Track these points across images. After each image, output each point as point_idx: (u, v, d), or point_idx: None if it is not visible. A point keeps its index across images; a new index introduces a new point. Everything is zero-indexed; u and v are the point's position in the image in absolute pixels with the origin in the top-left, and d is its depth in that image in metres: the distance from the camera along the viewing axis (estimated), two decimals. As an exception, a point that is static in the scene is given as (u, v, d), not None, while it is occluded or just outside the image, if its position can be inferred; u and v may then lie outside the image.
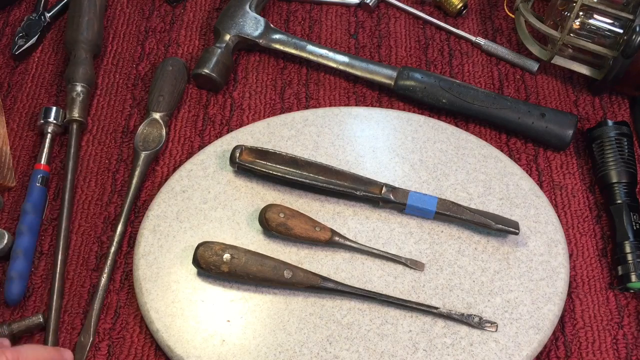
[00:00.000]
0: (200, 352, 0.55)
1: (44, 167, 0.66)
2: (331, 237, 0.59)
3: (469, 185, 0.64)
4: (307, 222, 0.60)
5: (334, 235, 0.60)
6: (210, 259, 0.57)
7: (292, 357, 0.55)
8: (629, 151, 0.66)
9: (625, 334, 0.59)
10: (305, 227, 0.59)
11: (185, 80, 0.71)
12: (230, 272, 0.57)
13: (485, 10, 0.79)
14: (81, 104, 0.69)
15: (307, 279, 0.57)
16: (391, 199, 0.61)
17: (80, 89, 0.69)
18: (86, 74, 0.70)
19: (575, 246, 0.64)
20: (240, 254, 0.57)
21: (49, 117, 0.68)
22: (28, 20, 0.76)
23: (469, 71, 0.74)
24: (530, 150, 0.69)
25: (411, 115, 0.69)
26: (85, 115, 0.69)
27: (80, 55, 0.71)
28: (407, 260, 0.59)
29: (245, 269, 0.56)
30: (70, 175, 0.66)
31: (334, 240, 0.59)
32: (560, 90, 0.73)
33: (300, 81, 0.74)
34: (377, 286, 0.59)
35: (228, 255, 0.57)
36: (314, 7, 0.79)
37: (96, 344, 0.58)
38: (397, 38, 0.77)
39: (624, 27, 0.67)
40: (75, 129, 0.68)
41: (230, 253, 0.57)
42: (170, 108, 0.69)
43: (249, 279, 0.57)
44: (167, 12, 0.79)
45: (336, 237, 0.60)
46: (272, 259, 0.57)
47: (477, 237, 0.61)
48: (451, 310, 0.56)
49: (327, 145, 0.66)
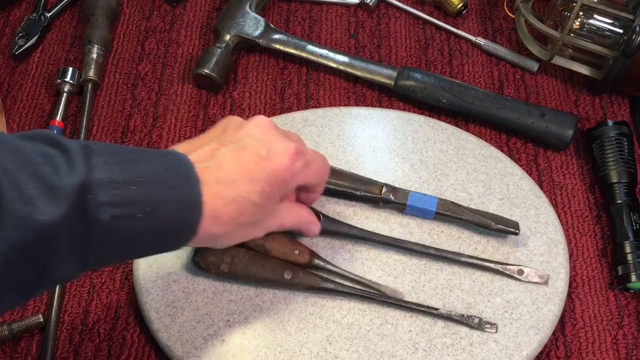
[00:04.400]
0: (200, 352, 0.55)
1: (59, 124, 0.70)
2: (310, 261, 0.58)
3: (469, 186, 0.64)
4: (286, 246, 0.58)
5: (313, 259, 0.58)
6: (210, 259, 0.56)
7: (292, 357, 0.55)
8: (629, 151, 0.66)
9: (625, 334, 0.59)
10: (283, 250, 0.57)
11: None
12: (230, 272, 0.56)
13: (485, 10, 0.79)
14: (96, 65, 0.72)
15: (307, 279, 0.57)
16: (391, 199, 0.61)
17: (97, 51, 0.72)
18: (103, 37, 0.74)
19: (575, 246, 0.64)
20: (240, 254, 0.57)
21: (65, 77, 0.71)
22: (28, 20, 0.76)
23: (469, 71, 0.74)
24: (530, 150, 0.69)
25: (411, 115, 0.69)
26: (99, 75, 0.72)
27: (98, 19, 0.74)
28: (386, 289, 0.58)
29: (245, 269, 0.56)
30: (84, 132, 0.69)
31: (313, 264, 0.58)
32: (560, 90, 0.73)
33: (300, 81, 0.74)
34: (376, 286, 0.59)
35: (228, 256, 0.56)
36: (314, 7, 0.79)
37: (96, 344, 0.58)
38: (397, 38, 0.77)
39: (624, 27, 0.67)
40: (90, 88, 0.71)
41: (230, 253, 0.57)
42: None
43: (248, 280, 0.57)
44: (167, 12, 0.79)
45: (316, 260, 0.58)
46: (272, 259, 0.57)
47: (477, 237, 0.61)
48: (451, 311, 0.56)
49: (327, 145, 0.66)
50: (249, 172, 0.46)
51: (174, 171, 0.44)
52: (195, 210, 0.44)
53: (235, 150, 0.47)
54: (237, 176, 0.46)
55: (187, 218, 0.44)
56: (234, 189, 0.46)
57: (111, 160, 0.41)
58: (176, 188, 0.43)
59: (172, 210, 0.43)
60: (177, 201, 0.43)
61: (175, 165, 0.45)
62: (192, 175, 0.44)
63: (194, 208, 0.44)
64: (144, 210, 0.41)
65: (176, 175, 0.44)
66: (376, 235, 0.60)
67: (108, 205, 0.39)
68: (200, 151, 0.47)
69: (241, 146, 0.47)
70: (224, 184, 0.45)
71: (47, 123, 0.70)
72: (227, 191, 0.45)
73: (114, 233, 0.40)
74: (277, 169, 0.47)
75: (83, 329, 0.59)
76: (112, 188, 0.40)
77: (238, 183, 0.46)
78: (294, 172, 0.48)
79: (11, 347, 0.58)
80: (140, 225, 0.41)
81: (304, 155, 0.49)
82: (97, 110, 0.72)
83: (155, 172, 0.43)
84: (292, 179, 0.49)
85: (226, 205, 0.45)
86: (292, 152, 0.48)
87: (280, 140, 0.48)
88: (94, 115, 0.71)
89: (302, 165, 0.49)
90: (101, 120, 0.71)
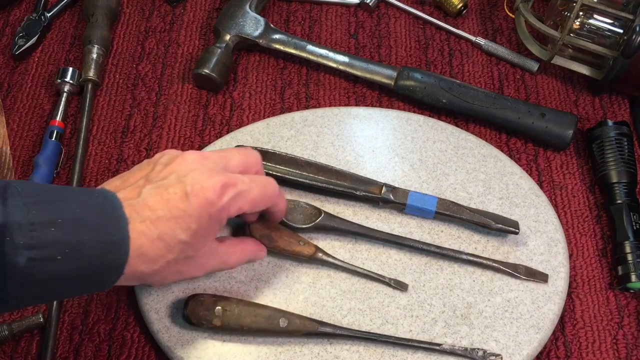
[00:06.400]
0: (200, 352, 0.55)
1: (59, 124, 0.69)
2: (314, 253, 0.58)
3: (469, 185, 0.64)
4: (291, 236, 0.58)
5: (317, 252, 0.58)
6: (201, 314, 0.54)
7: (293, 357, 0.55)
8: (629, 151, 0.66)
9: (625, 334, 0.59)
10: (289, 240, 0.58)
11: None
12: (223, 325, 0.54)
13: (485, 10, 0.79)
14: (96, 65, 0.72)
15: (304, 325, 0.55)
16: (391, 198, 0.61)
17: (97, 51, 0.72)
18: (103, 37, 0.74)
19: (575, 246, 0.64)
20: (232, 306, 0.55)
21: (65, 77, 0.71)
22: (28, 20, 0.76)
23: (469, 71, 0.74)
24: (530, 150, 0.69)
25: (411, 115, 0.69)
26: (99, 75, 0.72)
27: (98, 19, 0.74)
28: (390, 281, 0.58)
29: (238, 321, 0.54)
30: (84, 132, 0.69)
31: (317, 257, 0.58)
32: (560, 90, 0.73)
33: (300, 81, 0.74)
34: (376, 287, 0.59)
35: (219, 308, 0.54)
36: (314, 7, 0.79)
37: (96, 344, 0.58)
38: (397, 38, 0.77)
39: (624, 27, 0.67)
40: (90, 88, 0.71)
41: (222, 305, 0.54)
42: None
43: (243, 332, 0.55)
44: (167, 12, 0.79)
45: (319, 254, 0.58)
46: (266, 307, 0.56)
47: (477, 237, 0.61)
48: (454, 345, 0.55)
49: (326, 146, 0.66)
50: (173, 209, 0.46)
51: (98, 211, 0.44)
52: (121, 249, 0.44)
53: (160, 187, 0.46)
54: (161, 213, 0.45)
55: (112, 258, 0.44)
56: (159, 226, 0.45)
57: (31, 200, 0.41)
58: (100, 228, 0.43)
59: (95, 251, 0.42)
60: (100, 242, 0.43)
61: (101, 205, 0.44)
62: (119, 214, 0.44)
63: (120, 247, 0.44)
64: (64, 252, 0.41)
65: (102, 215, 0.43)
66: (376, 232, 0.60)
67: (25, 248, 0.39)
68: (129, 189, 0.47)
69: (166, 183, 0.47)
70: (149, 221, 0.45)
71: (47, 123, 0.70)
72: (152, 229, 0.45)
73: (31, 276, 0.40)
74: (202, 204, 0.46)
75: (83, 329, 0.59)
76: (29, 230, 0.39)
77: (162, 220, 0.45)
78: (221, 206, 0.47)
79: (11, 347, 0.58)
80: (60, 268, 0.41)
81: (235, 187, 0.48)
82: (97, 110, 0.72)
83: (78, 213, 0.42)
84: (221, 213, 0.48)
85: (152, 242, 0.45)
86: (218, 187, 0.47)
87: (206, 175, 0.47)
88: (94, 115, 0.71)
89: (231, 198, 0.48)
90: (101, 120, 0.71)
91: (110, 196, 0.46)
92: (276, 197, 0.53)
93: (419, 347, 0.55)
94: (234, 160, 0.52)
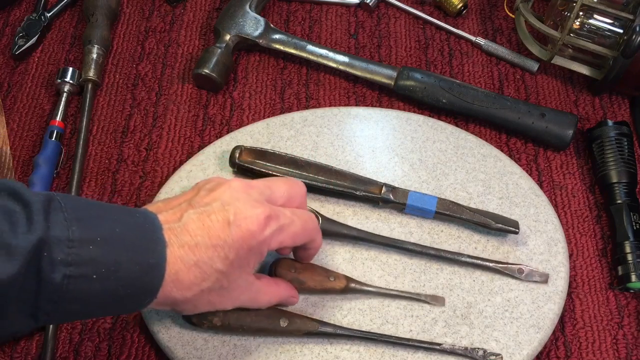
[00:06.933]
0: (200, 352, 0.55)
1: (59, 124, 0.69)
2: (347, 285, 0.57)
3: (469, 185, 0.64)
4: (320, 274, 0.57)
5: (349, 283, 0.57)
6: (201, 314, 0.53)
7: (293, 357, 0.55)
8: (629, 151, 0.66)
9: (625, 334, 0.59)
10: (318, 279, 0.57)
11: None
12: (223, 325, 0.54)
13: (485, 10, 0.79)
14: (96, 65, 0.72)
15: (304, 325, 0.55)
16: (391, 198, 0.61)
17: (97, 51, 0.72)
18: (103, 37, 0.74)
19: (575, 246, 0.64)
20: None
21: (65, 77, 0.71)
22: (28, 20, 0.76)
23: (469, 71, 0.75)
24: (530, 150, 0.69)
25: (410, 115, 0.69)
26: (100, 75, 0.72)
27: (98, 19, 0.74)
28: (427, 297, 0.57)
29: (238, 321, 0.54)
30: (84, 132, 0.69)
31: (350, 288, 0.57)
32: (560, 90, 0.73)
33: (300, 81, 0.74)
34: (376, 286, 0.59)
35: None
36: (314, 7, 0.79)
37: (96, 344, 0.58)
38: (397, 38, 0.77)
39: (624, 27, 0.67)
40: (90, 88, 0.71)
41: None
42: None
43: (244, 331, 0.55)
44: (167, 12, 0.79)
45: (352, 284, 0.57)
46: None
47: (477, 237, 0.61)
48: (454, 345, 0.55)
49: (326, 146, 0.66)
50: (213, 237, 0.45)
51: (138, 231, 0.43)
52: (157, 273, 0.43)
53: (202, 213, 0.46)
54: (200, 240, 0.45)
55: (146, 281, 0.43)
56: (197, 253, 0.45)
57: (72, 216, 0.40)
58: (138, 249, 0.42)
59: (131, 273, 0.42)
60: (136, 263, 0.42)
61: (141, 225, 0.44)
62: (158, 236, 0.44)
63: (156, 271, 0.43)
64: (100, 271, 0.40)
65: (140, 236, 0.43)
66: (376, 236, 0.60)
67: (62, 264, 0.39)
68: (171, 212, 0.46)
69: (209, 210, 0.46)
70: (187, 247, 0.44)
71: (47, 123, 0.70)
72: (190, 255, 0.44)
73: (65, 293, 0.40)
74: (243, 235, 0.46)
75: (83, 329, 0.59)
76: (68, 246, 0.39)
77: (201, 247, 0.45)
78: (262, 238, 0.47)
79: (11, 347, 0.58)
80: (94, 287, 0.40)
81: (278, 220, 0.48)
82: (97, 110, 0.72)
83: (117, 232, 0.42)
84: (261, 245, 0.47)
85: (188, 269, 0.44)
86: (262, 218, 0.46)
87: (249, 205, 0.47)
88: (94, 115, 0.71)
89: (273, 231, 0.47)
90: (101, 120, 0.71)
91: (151, 217, 0.45)
92: (315, 233, 0.53)
93: (419, 347, 0.55)
94: (279, 190, 0.51)
